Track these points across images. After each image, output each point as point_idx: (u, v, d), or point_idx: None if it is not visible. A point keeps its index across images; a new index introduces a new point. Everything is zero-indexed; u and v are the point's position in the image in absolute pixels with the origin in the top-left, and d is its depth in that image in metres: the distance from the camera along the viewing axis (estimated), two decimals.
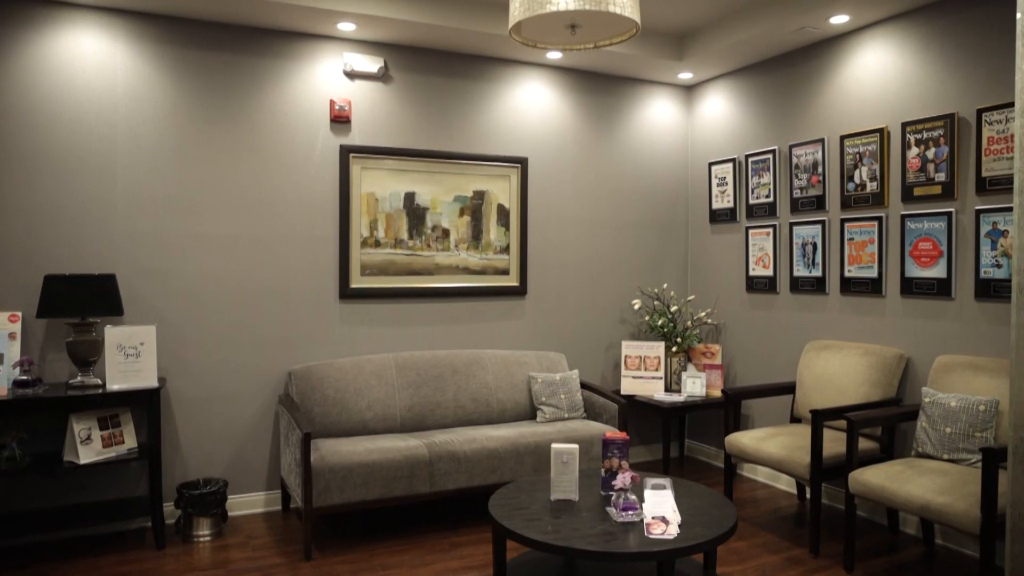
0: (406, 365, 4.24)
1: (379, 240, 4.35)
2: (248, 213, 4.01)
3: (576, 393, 4.46)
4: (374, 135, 4.31)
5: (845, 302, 4.16)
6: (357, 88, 4.26)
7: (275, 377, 4.10)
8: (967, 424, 3.23)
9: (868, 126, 4.01)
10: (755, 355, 4.81)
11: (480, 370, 4.42)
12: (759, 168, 4.73)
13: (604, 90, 5.05)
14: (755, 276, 4.77)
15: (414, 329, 4.47)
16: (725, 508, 2.82)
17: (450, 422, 4.24)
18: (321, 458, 3.48)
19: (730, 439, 3.94)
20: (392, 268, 4.40)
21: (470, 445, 3.82)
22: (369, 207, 4.31)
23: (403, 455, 3.64)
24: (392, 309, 4.41)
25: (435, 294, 4.51)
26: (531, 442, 3.95)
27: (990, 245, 3.44)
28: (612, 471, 3.01)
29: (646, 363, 4.92)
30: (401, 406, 4.13)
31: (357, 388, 4.05)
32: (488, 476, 3.83)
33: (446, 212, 4.54)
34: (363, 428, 4.01)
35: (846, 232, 4.13)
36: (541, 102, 4.83)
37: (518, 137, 4.77)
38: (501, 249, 4.73)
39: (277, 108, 4.06)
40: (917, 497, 2.99)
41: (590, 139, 5.02)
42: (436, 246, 4.52)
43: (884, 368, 3.78)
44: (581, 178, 5.00)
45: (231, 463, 4.00)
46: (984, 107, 3.45)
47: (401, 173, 4.40)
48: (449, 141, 4.54)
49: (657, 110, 5.24)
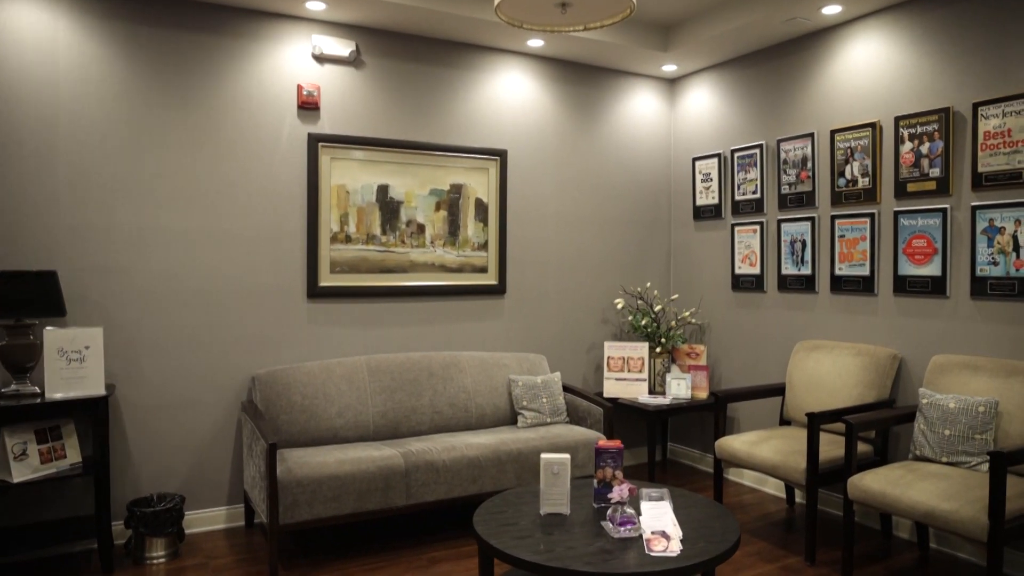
0: (379, 368, 3.99)
1: (350, 235, 4.10)
2: (207, 205, 3.72)
3: (558, 397, 4.27)
4: (345, 123, 4.06)
5: (836, 301, 4.04)
6: (327, 73, 4.00)
7: (237, 382, 3.82)
8: (966, 426, 3.12)
9: (860, 120, 3.89)
10: (741, 356, 4.67)
11: (458, 373, 4.20)
12: (745, 163, 4.59)
13: (586, 81, 4.86)
14: (741, 274, 4.63)
15: (387, 330, 4.23)
16: (726, 520, 2.65)
17: (426, 429, 4.01)
18: (288, 470, 3.22)
19: (721, 443, 3.78)
20: (364, 265, 4.15)
21: (449, 454, 3.59)
22: (339, 200, 4.06)
23: (377, 465, 3.40)
24: (364, 309, 4.15)
25: (410, 293, 4.27)
26: (513, 449, 3.74)
27: (986, 242, 3.34)
28: (606, 482, 2.82)
29: (629, 364, 4.75)
30: (374, 412, 3.88)
31: (327, 393, 3.79)
32: (468, 486, 3.61)
33: (421, 206, 4.31)
34: (333, 436, 3.76)
35: (837, 229, 4.00)
36: (521, 92, 4.63)
37: (497, 128, 4.55)
38: (479, 246, 4.51)
39: (240, 92, 3.78)
40: (921, 503, 2.85)
41: (571, 132, 4.83)
42: (411, 242, 4.29)
43: (877, 369, 3.66)
44: (562, 172, 4.81)
45: (188, 477, 3.71)
46: (980, 101, 3.34)
47: (374, 164, 4.15)
48: (425, 131, 4.30)
49: (640, 103, 5.08)
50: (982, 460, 3.08)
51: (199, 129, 3.69)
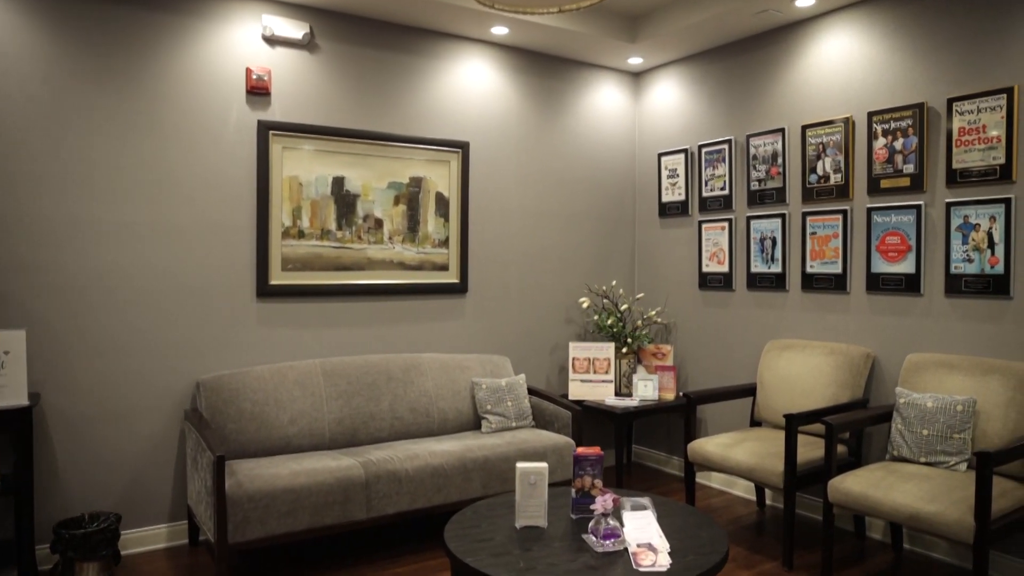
0: (335, 372, 3.75)
1: (303, 230, 3.84)
2: (146, 196, 3.42)
3: (524, 400, 4.09)
4: (298, 111, 3.80)
5: (807, 299, 3.97)
6: (278, 56, 3.73)
7: (180, 389, 3.52)
8: (945, 425, 3.06)
9: (832, 115, 3.83)
10: (709, 356, 4.57)
11: (418, 376, 3.98)
12: (713, 159, 4.49)
13: (551, 73, 4.70)
14: (709, 272, 4.54)
15: (343, 331, 3.98)
16: (712, 529, 2.51)
17: (386, 435, 3.78)
18: (238, 484, 2.96)
19: (694, 446, 3.66)
20: (318, 262, 3.89)
21: (412, 462, 3.37)
22: (292, 193, 3.80)
23: (336, 477, 3.16)
24: (318, 309, 3.90)
25: (367, 292, 4.04)
26: (479, 456, 3.55)
27: (961, 239, 3.29)
28: (585, 491, 2.65)
29: (595, 365, 4.60)
30: (330, 419, 3.64)
31: (279, 400, 3.53)
32: (432, 497, 3.40)
33: (379, 200, 4.07)
34: (286, 446, 3.50)
35: (808, 226, 3.93)
36: (484, 82, 4.43)
37: (459, 120, 4.35)
38: (440, 242, 4.30)
39: (183, 73, 3.49)
40: (905, 506, 2.77)
41: (535, 125, 4.66)
42: (368, 238, 4.05)
43: (851, 368, 3.60)
44: (526, 167, 4.63)
45: (125, 493, 3.40)
46: (955, 96, 3.30)
47: (329, 155, 3.90)
48: (383, 121, 4.07)
49: (605, 97, 4.94)
50: (961, 460, 3.03)
51: (136, 113, 3.39)
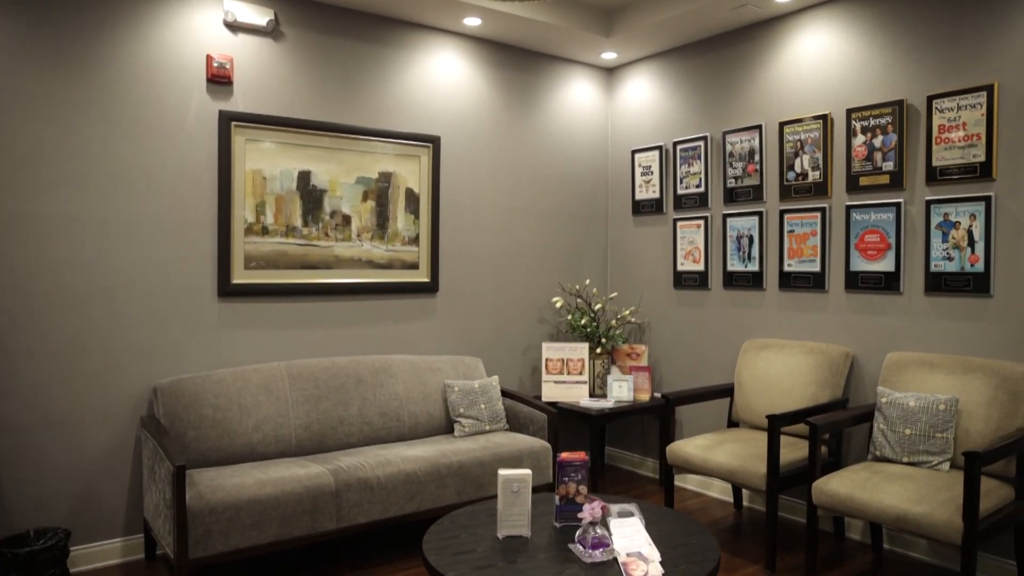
0: (301, 375, 3.58)
1: (267, 227, 3.66)
2: (98, 189, 3.21)
3: (497, 402, 3.97)
4: (262, 101, 3.62)
5: (785, 298, 3.93)
6: (241, 43, 3.55)
7: (136, 394, 3.32)
8: (927, 424, 3.03)
9: (810, 112, 3.79)
10: (684, 356, 4.51)
11: (388, 379, 3.83)
12: (689, 156, 4.43)
13: (523, 67, 4.59)
14: (684, 271, 4.47)
15: (310, 332, 3.81)
16: (703, 536, 2.43)
17: (355, 441, 3.63)
18: (199, 496, 2.78)
19: (672, 448, 3.59)
20: (283, 260, 3.72)
21: (384, 469, 3.23)
22: (256, 187, 3.61)
23: (304, 486, 3.00)
24: (283, 309, 3.72)
25: (334, 291, 3.87)
26: (454, 462, 3.42)
27: (941, 237, 3.28)
28: (569, 498, 2.54)
29: (569, 366, 4.51)
30: (297, 424, 3.47)
31: (242, 405, 3.35)
32: (405, 505, 3.26)
33: (347, 196, 3.91)
34: (251, 453, 3.32)
35: (786, 224, 3.89)
36: (455, 75, 4.30)
37: (430, 113, 4.21)
38: (410, 240, 4.15)
39: (138, 59, 3.29)
40: (892, 507, 2.73)
41: (508, 120, 4.54)
42: (335, 235, 3.88)
43: (831, 367, 3.56)
44: (498, 162, 4.51)
45: (75, 507, 3.18)
46: (934, 94, 3.28)
47: (294, 148, 3.73)
48: (351, 114, 3.91)
49: (577, 92, 4.85)
50: (944, 459, 3.00)
51: (88, 101, 3.17)
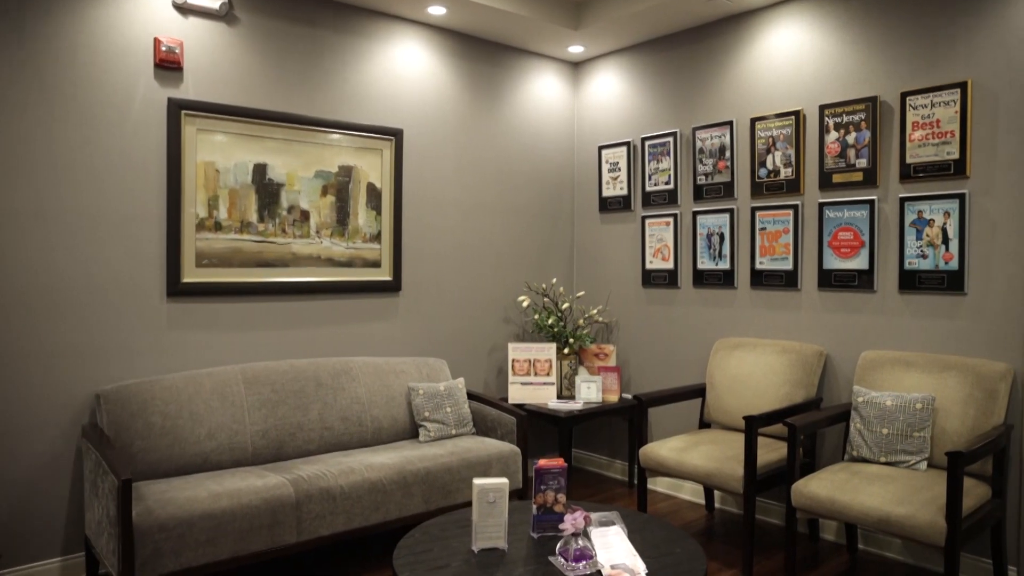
0: (257, 379, 3.38)
1: (221, 222, 3.45)
2: (34, 181, 2.96)
3: (464, 405, 3.83)
4: (215, 89, 3.41)
5: (756, 297, 3.87)
6: (192, 27, 3.33)
7: (75, 402, 3.08)
8: (905, 424, 3.00)
9: (782, 108, 3.74)
10: (653, 356, 4.43)
11: (350, 382, 3.65)
12: (657, 152, 4.36)
13: (488, 59, 4.45)
14: (653, 269, 4.40)
15: (266, 334, 3.61)
16: (687, 543, 2.33)
17: (315, 448, 3.44)
18: (148, 511, 2.57)
19: (646, 451, 3.49)
20: (237, 258, 3.51)
21: (347, 478, 3.06)
22: (208, 180, 3.40)
23: (262, 497, 2.81)
24: (238, 309, 3.52)
25: (292, 290, 3.68)
26: (420, 469, 3.27)
27: (915, 235, 3.25)
28: (547, 507, 2.42)
29: (536, 367, 4.39)
30: (253, 431, 3.27)
31: (194, 411, 3.14)
32: (370, 515, 3.10)
33: (305, 190, 3.72)
34: (204, 463, 3.11)
35: (757, 221, 3.84)
36: (419, 67, 4.14)
37: (392, 105, 4.04)
38: (371, 237, 3.98)
39: (79, 40, 3.05)
40: (874, 509, 2.67)
41: (472, 114, 4.40)
42: (293, 231, 3.69)
43: (805, 367, 3.51)
44: (462, 157, 4.37)
45: (7, 525, 2.92)
46: (908, 91, 3.26)
47: (249, 140, 3.52)
48: (310, 104, 3.72)
49: (544, 86, 4.73)
50: (921, 459, 2.97)
51: (23, 85, 2.92)
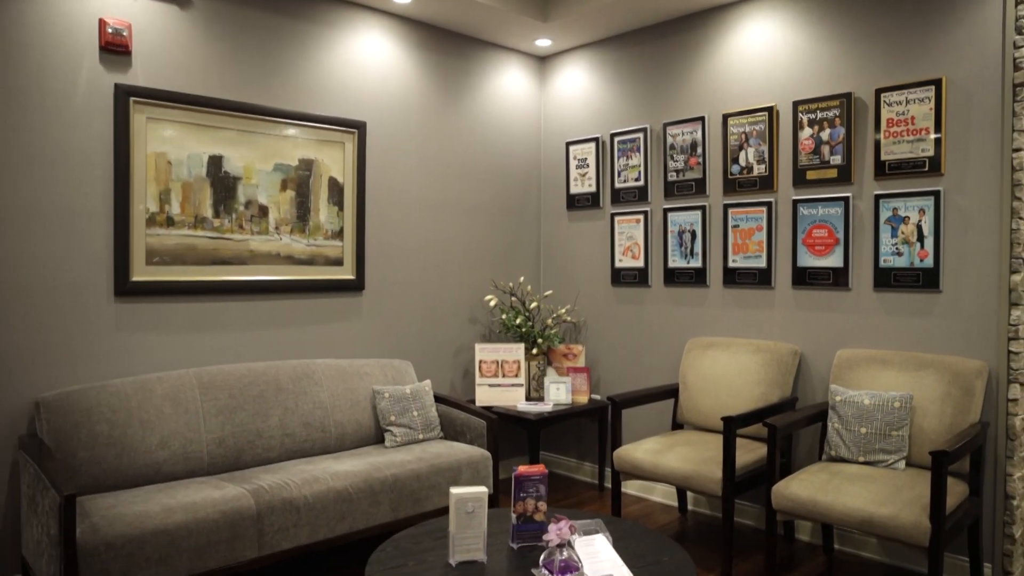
0: (213, 384, 3.19)
1: (173, 218, 3.24)
2: None
3: (431, 409, 3.69)
4: (166, 75, 3.20)
5: (729, 295, 3.82)
6: (142, 9, 3.12)
7: (12, 411, 2.84)
8: (883, 423, 2.97)
9: (755, 104, 3.69)
10: (623, 356, 4.35)
11: (312, 386, 3.48)
12: (627, 148, 4.28)
13: (454, 52, 4.32)
14: (622, 268, 4.32)
15: (222, 336, 3.41)
16: (675, 552, 2.24)
17: (276, 456, 3.26)
18: (93, 529, 2.37)
19: (620, 453, 3.41)
20: (191, 255, 3.31)
21: (311, 487, 2.89)
22: (159, 173, 3.19)
23: (220, 510, 2.63)
24: (192, 309, 3.32)
25: (250, 289, 3.49)
26: (388, 476, 3.12)
27: (890, 232, 3.23)
28: (527, 516, 2.30)
29: (504, 368, 4.27)
30: (209, 439, 3.07)
31: (144, 419, 2.94)
32: (336, 526, 2.94)
33: (264, 184, 3.54)
34: (155, 474, 2.91)
35: (730, 219, 3.79)
36: (383, 57, 3.98)
37: (355, 97, 3.88)
38: (333, 233, 3.81)
39: (14, 18, 2.82)
40: (857, 510, 2.63)
41: (437, 107, 4.26)
42: (251, 228, 3.50)
43: (780, 366, 3.47)
44: (427, 152, 4.22)
45: None
46: (883, 87, 3.23)
47: (204, 130, 3.32)
48: (269, 94, 3.54)
49: (510, 80, 4.62)
50: (899, 458, 2.94)
51: None
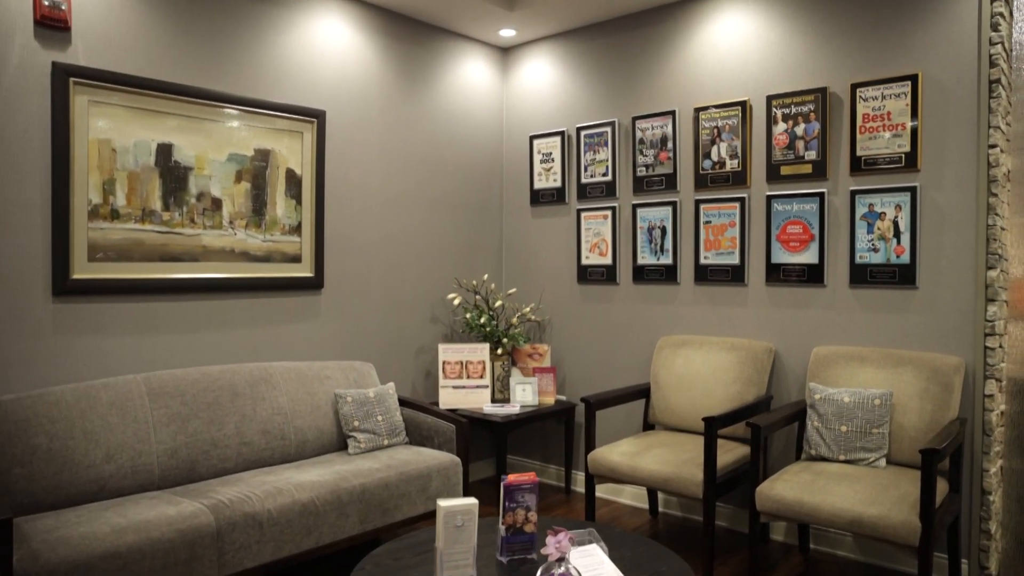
0: (164, 390, 2.94)
1: (118, 210, 2.98)
2: None
3: (395, 413, 3.52)
4: (111, 55, 2.94)
5: (701, 292, 3.77)
6: None
7: None
8: (864, 420, 2.95)
9: (728, 98, 3.64)
10: (590, 355, 4.25)
11: (270, 390, 3.26)
12: (594, 143, 4.18)
13: (415, 40, 4.14)
14: (589, 265, 4.22)
15: (173, 338, 3.17)
16: (672, 561, 2.14)
17: (233, 466, 3.04)
18: (33, 556, 2.13)
19: (595, 457, 3.31)
20: (139, 251, 3.05)
21: (275, 500, 2.69)
22: (103, 161, 2.93)
23: (177, 529, 2.41)
24: (139, 310, 3.06)
25: (202, 288, 3.25)
26: (356, 485, 2.94)
27: (866, 228, 3.22)
28: (517, 527, 2.17)
29: (469, 369, 4.12)
30: (160, 450, 2.83)
31: (88, 430, 2.68)
32: (302, 541, 2.74)
33: (217, 175, 3.30)
34: (101, 490, 2.66)
35: (702, 215, 3.73)
36: (342, 43, 3.78)
37: (314, 84, 3.67)
38: (291, 228, 3.59)
39: None
40: (845, 510, 2.59)
41: (398, 97, 4.08)
42: (203, 222, 3.26)
43: (755, 363, 3.43)
44: (387, 144, 4.04)
45: None
46: (859, 82, 3.22)
47: (152, 116, 3.07)
48: (223, 79, 3.30)
49: (471, 71, 4.47)
50: (880, 456, 2.92)
51: None
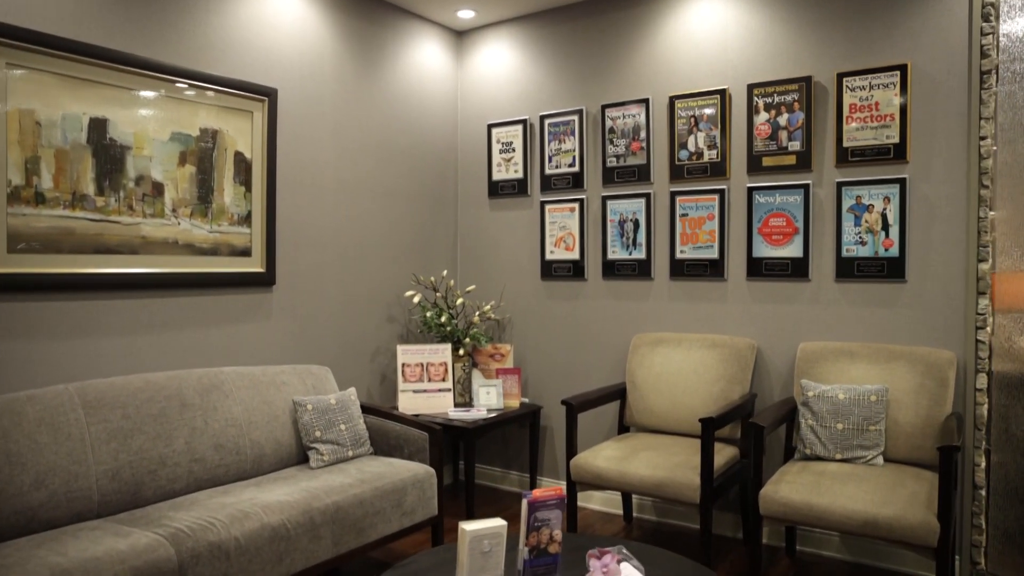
0: (102, 401, 2.54)
1: (44, 194, 2.55)
2: None
3: (359, 421, 3.22)
4: (32, 11, 2.51)
5: (677, 288, 3.64)
6: None
7: None
8: (860, 418, 2.88)
9: (706, 87, 3.53)
10: (556, 355, 4.06)
11: (222, 399, 2.90)
12: (559, 132, 3.99)
13: (369, 18, 3.83)
14: (554, 260, 4.03)
15: (110, 341, 2.75)
16: None
17: (183, 486, 2.67)
18: None
19: (578, 462, 3.11)
20: (68, 241, 2.63)
21: (242, 525, 2.36)
22: (25, 136, 2.50)
23: (132, 567, 2.05)
24: (70, 309, 2.64)
25: (142, 284, 2.85)
26: (329, 504, 2.63)
27: (853, 221, 3.17)
28: (541, 548, 1.95)
29: (430, 372, 3.85)
30: (99, 472, 2.44)
31: (12, 452, 2.26)
32: (272, 570, 2.41)
33: (159, 157, 2.90)
34: (30, 521, 2.24)
35: (678, 207, 3.60)
36: (295, 16, 3.44)
37: (265, 59, 3.31)
38: (240, 219, 3.23)
39: None
40: (858, 512, 2.49)
41: (352, 78, 3.76)
42: (143, 209, 2.86)
43: (739, 361, 3.33)
44: (342, 127, 3.71)
45: None
46: (845, 72, 3.17)
47: (84, 85, 2.65)
48: (164, 47, 2.91)
49: (426, 54, 4.19)
50: (877, 453, 2.87)
51: None
